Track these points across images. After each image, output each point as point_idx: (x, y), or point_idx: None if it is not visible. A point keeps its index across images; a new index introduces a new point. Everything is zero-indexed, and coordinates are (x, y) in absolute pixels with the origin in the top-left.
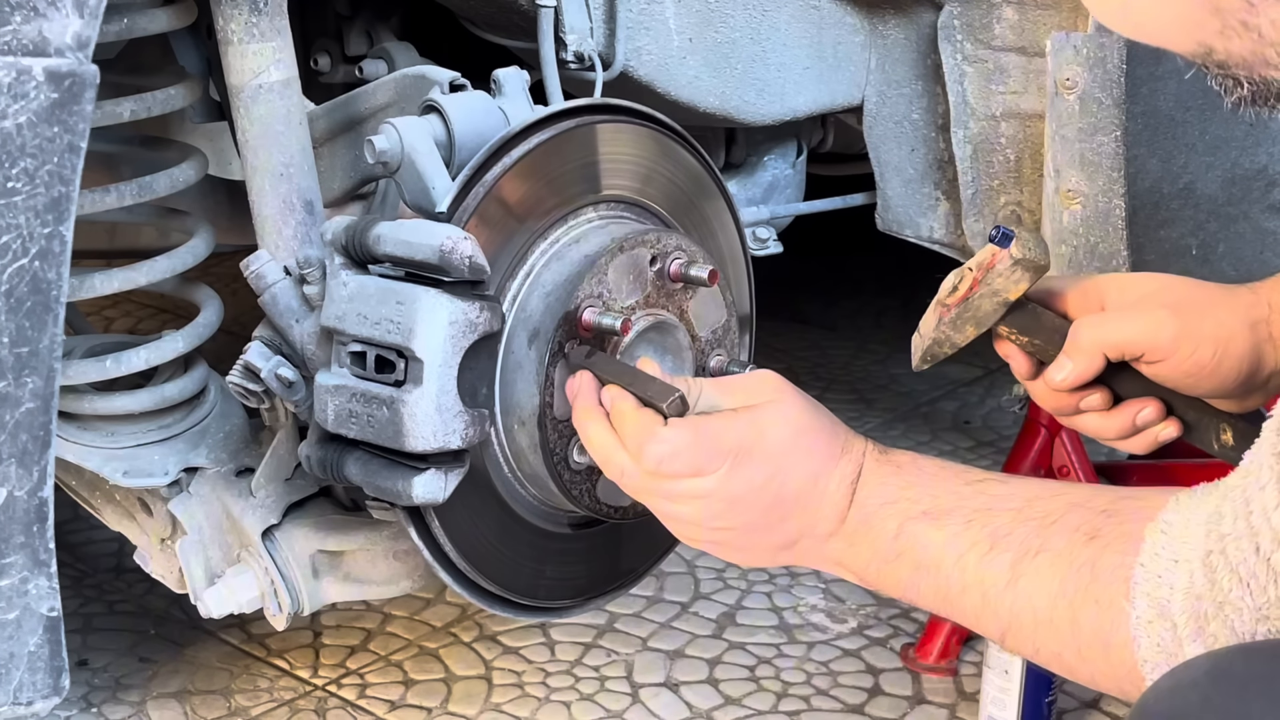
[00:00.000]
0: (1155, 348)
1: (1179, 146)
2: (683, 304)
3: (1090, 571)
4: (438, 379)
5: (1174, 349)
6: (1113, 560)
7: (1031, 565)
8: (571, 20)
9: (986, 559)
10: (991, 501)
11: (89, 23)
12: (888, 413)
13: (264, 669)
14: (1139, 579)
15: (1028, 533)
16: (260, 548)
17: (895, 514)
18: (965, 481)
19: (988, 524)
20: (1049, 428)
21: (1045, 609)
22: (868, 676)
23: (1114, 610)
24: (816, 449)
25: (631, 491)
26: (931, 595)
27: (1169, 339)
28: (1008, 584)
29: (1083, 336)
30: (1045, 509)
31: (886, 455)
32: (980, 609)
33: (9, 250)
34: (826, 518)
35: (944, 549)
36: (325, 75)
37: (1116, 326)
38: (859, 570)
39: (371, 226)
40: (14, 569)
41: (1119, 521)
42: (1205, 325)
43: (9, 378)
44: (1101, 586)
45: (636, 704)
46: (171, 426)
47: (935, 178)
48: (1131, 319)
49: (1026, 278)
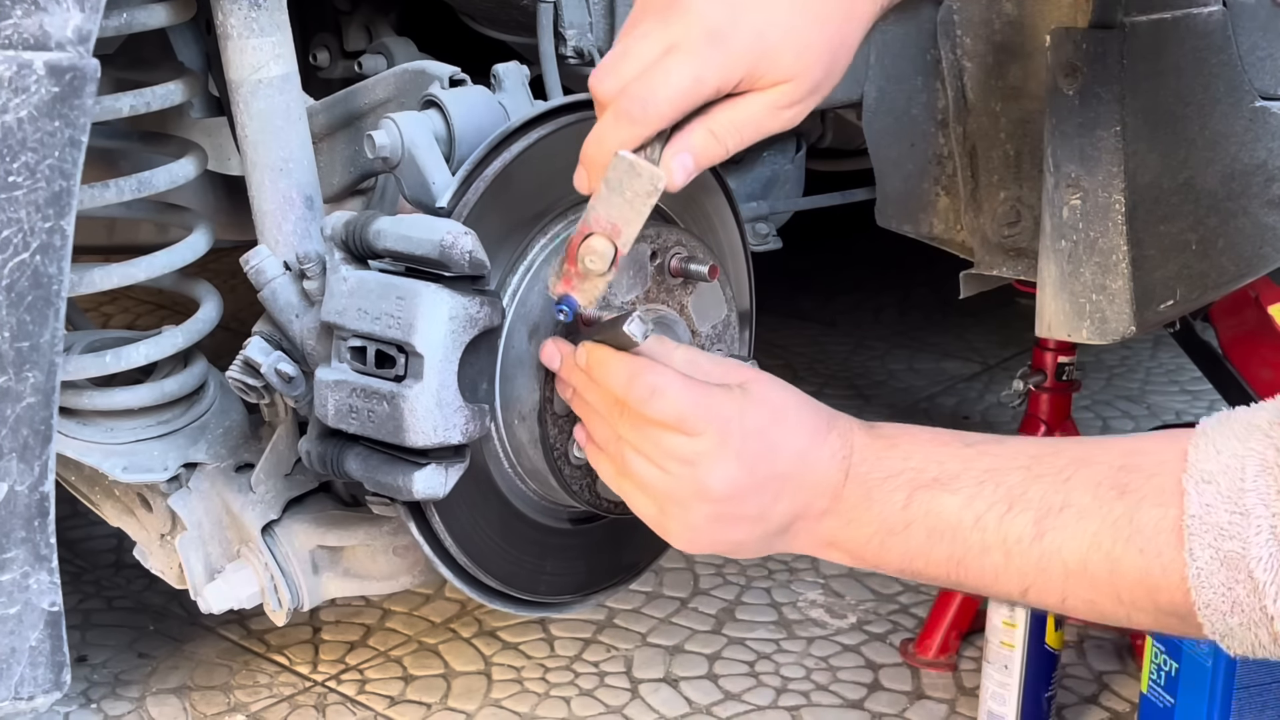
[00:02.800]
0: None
1: (1179, 141)
2: (683, 299)
3: (1130, 524)
4: (438, 374)
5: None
6: (1154, 514)
7: (1058, 520)
8: (571, 15)
9: (1007, 517)
10: (997, 462)
11: (90, 17)
12: (886, 408)
13: (263, 664)
14: (1194, 531)
15: (1045, 489)
16: (260, 543)
17: (902, 485)
18: (964, 444)
19: (1000, 483)
20: (1048, 423)
21: (1077, 560)
22: (867, 672)
23: (1163, 559)
24: (803, 425)
25: (621, 435)
26: (944, 561)
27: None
28: (1034, 540)
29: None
30: (1054, 465)
31: (876, 430)
32: (1002, 567)
33: (10, 245)
34: (821, 494)
35: (960, 512)
36: (324, 71)
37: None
38: (856, 547)
39: (371, 221)
40: (15, 564)
41: (1145, 476)
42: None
43: (10, 372)
44: (1146, 538)
45: (636, 699)
46: (171, 422)
47: (934, 173)
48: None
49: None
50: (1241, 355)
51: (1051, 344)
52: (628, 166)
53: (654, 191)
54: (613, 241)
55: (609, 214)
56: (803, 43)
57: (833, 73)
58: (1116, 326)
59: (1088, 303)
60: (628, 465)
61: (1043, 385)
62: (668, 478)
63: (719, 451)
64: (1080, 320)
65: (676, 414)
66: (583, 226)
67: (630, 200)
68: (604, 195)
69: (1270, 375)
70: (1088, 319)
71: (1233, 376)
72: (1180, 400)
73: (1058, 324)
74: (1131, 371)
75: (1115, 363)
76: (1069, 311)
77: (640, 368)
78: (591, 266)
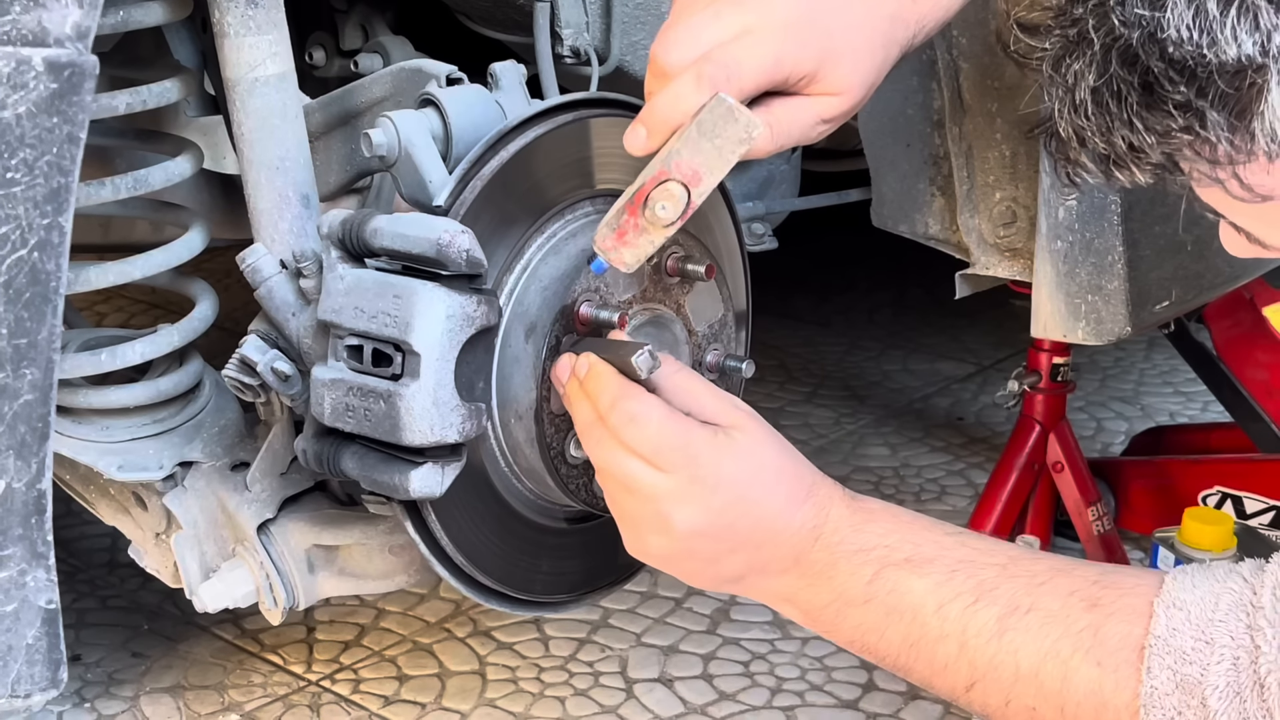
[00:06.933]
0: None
1: None
2: (679, 299)
3: (1093, 636)
4: (435, 373)
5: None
6: (1120, 629)
7: (1022, 621)
8: (567, 15)
9: (971, 609)
10: (974, 555)
11: (88, 13)
12: (880, 409)
13: (258, 664)
14: (1157, 651)
15: (1016, 589)
16: (255, 542)
17: (872, 560)
18: (945, 532)
19: (972, 576)
20: (1043, 424)
21: (1031, 665)
22: (862, 672)
23: (1119, 675)
24: (780, 487)
25: (594, 453)
26: (898, 642)
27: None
28: (993, 636)
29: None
30: (1030, 569)
31: (858, 502)
32: (953, 658)
33: (8, 241)
34: (782, 556)
35: (925, 596)
36: (320, 69)
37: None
38: (813, 610)
39: (368, 220)
40: (12, 561)
41: (1119, 594)
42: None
43: (7, 369)
44: (1107, 652)
45: (630, 699)
46: (166, 421)
47: (930, 173)
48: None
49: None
50: (1236, 357)
51: (1046, 345)
52: (726, 111)
53: (747, 140)
54: (689, 190)
55: (694, 160)
56: (857, 61)
57: (866, 98)
58: (1112, 327)
59: (1083, 303)
60: (598, 472)
61: (1037, 386)
62: (631, 500)
63: (685, 492)
64: (1076, 321)
65: (651, 447)
66: (661, 171)
67: (719, 147)
68: (692, 139)
69: (1264, 377)
70: (1083, 319)
71: (1227, 378)
72: (1174, 402)
73: (1053, 324)
74: (1125, 373)
75: (1109, 364)
76: (1065, 312)
77: (627, 392)
78: (662, 214)
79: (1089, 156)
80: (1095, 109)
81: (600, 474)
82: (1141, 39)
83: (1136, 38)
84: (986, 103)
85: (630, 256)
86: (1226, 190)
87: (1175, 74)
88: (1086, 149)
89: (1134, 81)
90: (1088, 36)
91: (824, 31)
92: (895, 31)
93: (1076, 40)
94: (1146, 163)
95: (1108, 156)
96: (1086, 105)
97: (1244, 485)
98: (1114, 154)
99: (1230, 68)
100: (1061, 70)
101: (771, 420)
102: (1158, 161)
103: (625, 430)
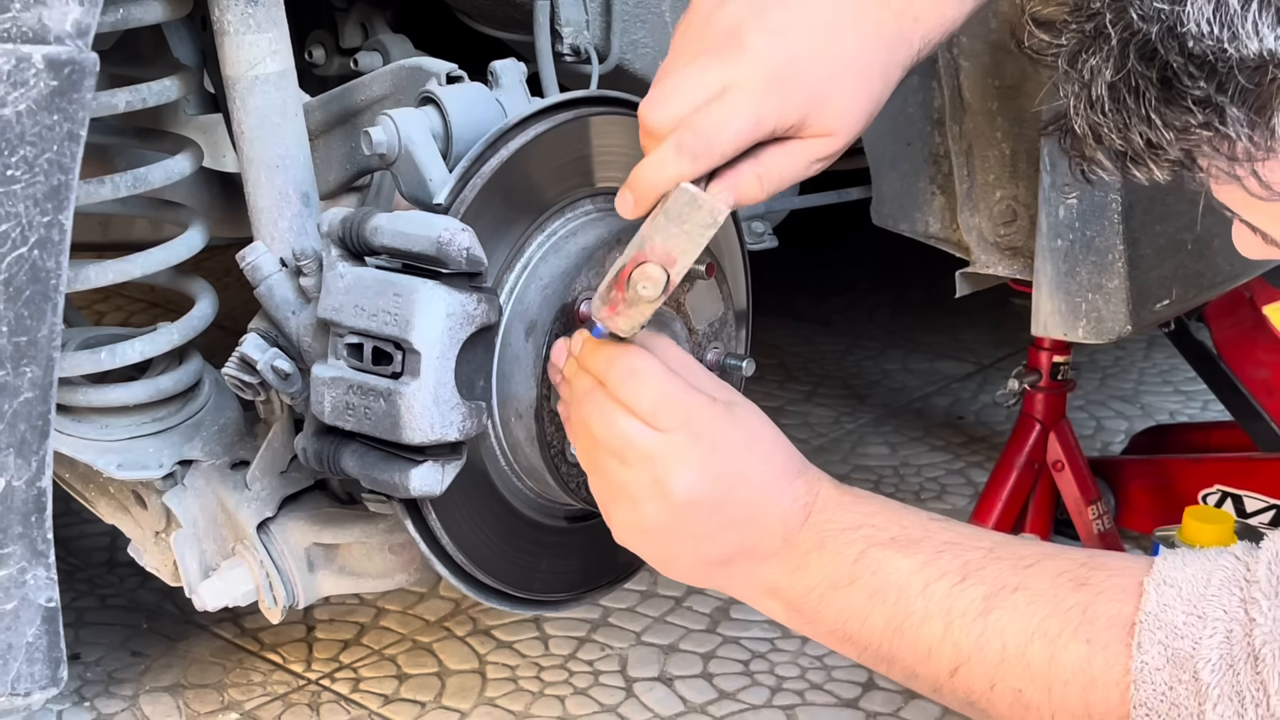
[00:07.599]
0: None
1: None
2: (680, 297)
3: (1082, 614)
4: (435, 371)
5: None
6: (1109, 608)
7: (1008, 600)
8: (567, 13)
9: (957, 589)
10: (961, 538)
11: (89, 10)
12: (880, 408)
13: (257, 663)
14: (1147, 626)
15: (1002, 570)
16: (255, 541)
17: (859, 539)
18: (930, 518)
19: (959, 556)
20: (1043, 423)
21: (1018, 644)
22: (861, 671)
23: (1108, 652)
24: (775, 459)
25: (590, 421)
26: (881, 627)
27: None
28: (979, 615)
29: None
30: (1017, 551)
31: (844, 487)
32: (938, 640)
33: (8, 239)
34: (773, 534)
35: (911, 575)
36: (320, 68)
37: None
38: (795, 598)
39: (369, 218)
40: (12, 559)
41: (1108, 574)
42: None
43: (8, 367)
44: (1096, 630)
45: (630, 698)
46: (166, 419)
47: (930, 172)
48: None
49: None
50: (1236, 355)
51: (1046, 343)
52: (690, 199)
53: (714, 224)
54: (667, 270)
55: (666, 244)
56: (848, 100)
57: (864, 129)
58: (1112, 326)
59: (1084, 302)
60: (588, 448)
61: (1037, 385)
62: (626, 470)
63: (685, 453)
64: (1076, 319)
65: (650, 402)
66: (637, 255)
67: (689, 232)
68: (661, 225)
69: (1265, 375)
70: (1084, 318)
71: (1227, 377)
72: (1174, 401)
73: (1054, 323)
74: (1125, 372)
75: (1109, 363)
76: (1065, 310)
77: (626, 350)
78: (644, 293)
79: (1105, 153)
80: (1112, 105)
81: (593, 450)
82: (1160, 33)
83: (1155, 32)
84: (987, 101)
85: (625, 325)
86: (1244, 188)
87: (1195, 69)
88: (1103, 146)
89: (1152, 77)
90: (1105, 31)
91: (810, 78)
92: (895, 55)
93: (1093, 35)
94: (1164, 159)
95: (1124, 153)
96: (1103, 101)
97: (1244, 484)
98: (1131, 150)
99: (1251, 63)
100: (1078, 66)
101: (771, 419)
102: (1175, 158)
103: (625, 386)
